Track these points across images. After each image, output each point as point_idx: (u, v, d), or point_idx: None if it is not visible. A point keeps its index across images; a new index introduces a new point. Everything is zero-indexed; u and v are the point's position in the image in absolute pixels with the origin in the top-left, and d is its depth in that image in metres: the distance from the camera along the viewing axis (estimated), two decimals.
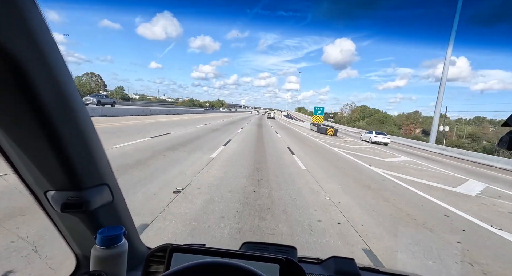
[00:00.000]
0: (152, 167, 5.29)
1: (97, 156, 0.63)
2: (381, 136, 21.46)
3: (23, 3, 0.39)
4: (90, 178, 0.62)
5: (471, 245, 3.28)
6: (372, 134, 21.87)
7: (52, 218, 0.69)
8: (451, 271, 2.60)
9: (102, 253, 0.64)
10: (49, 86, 0.46)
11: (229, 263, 0.50)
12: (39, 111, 0.45)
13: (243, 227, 3.00)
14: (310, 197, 4.49)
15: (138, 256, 0.88)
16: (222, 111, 78.74)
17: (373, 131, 22.92)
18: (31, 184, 0.59)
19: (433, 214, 4.40)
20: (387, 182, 6.57)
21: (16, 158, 0.53)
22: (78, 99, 0.54)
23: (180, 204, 3.51)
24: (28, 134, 0.49)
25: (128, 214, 0.83)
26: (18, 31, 0.39)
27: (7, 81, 0.40)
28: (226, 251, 0.68)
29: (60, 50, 0.48)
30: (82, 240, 0.73)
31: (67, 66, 0.50)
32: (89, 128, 0.59)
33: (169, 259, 0.66)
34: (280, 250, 0.88)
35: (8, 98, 0.42)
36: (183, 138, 10.09)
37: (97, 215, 0.69)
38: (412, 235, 3.45)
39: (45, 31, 0.44)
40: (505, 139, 0.48)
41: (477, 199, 5.97)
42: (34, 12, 0.41)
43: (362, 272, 0.87)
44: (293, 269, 0.65)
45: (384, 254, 2.72)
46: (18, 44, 0.39)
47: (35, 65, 0.42)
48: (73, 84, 0.52)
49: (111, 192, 0.70)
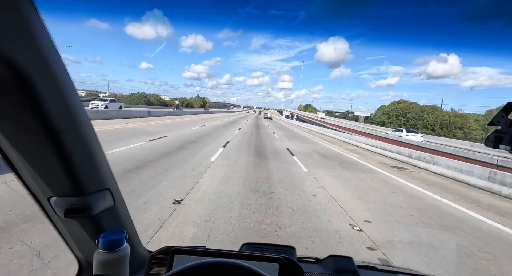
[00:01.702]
0: None
1: (99, 161, 0.64)
2: (413, 134, 19.16)
3: (26, 14, 0.40)
4: (92, 183, 0.63)
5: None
6: (402, 132, 19.52)
7: (55, 224, 0.70)
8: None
9: (105, 257, 0.65)
10: (53, 94, 0.47)
11: (231, 262, 0.51)
12: (43, 118, 0.47)
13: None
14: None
15: (139, 259, 0.89)
16: (201, 112, 50.85)
17: (403, 129, 20.68)
18: (35, 191, 0.60)
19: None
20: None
21: (20, 165, 0.54)
22: (80, 106, 0.55)
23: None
24: (32, 142, 0.50)
25: (129, 217, 0.84)
26: (23, 42, 0.40)
27: (12, 89, 0.41)
28: (226, 251, 0.69)
29: (62, 59, 0.49)
30: (85, 245, 0.74)
31: (69, 73, 0.51)
32: (91, 134, 0.60)
33: (171, 261, 0.67)
34: (279, 250, 0.89)
35: (13, 106, 0.44)
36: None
37: (99, 219, 0.70)
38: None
39: (48, 41, 0.45)
40: (491, 138, 0.50)
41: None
42: (37, 22, 0.42)
43: (360, 270, 0.89)
44: (292, 268, 0.66)
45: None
46: (23, 54, 0.40)
47: (39, 74, 0.43)
48: (75, 91, 0.53)
49: (113, 196, 0.71)
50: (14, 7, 0.38)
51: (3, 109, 0.44)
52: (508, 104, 0.50)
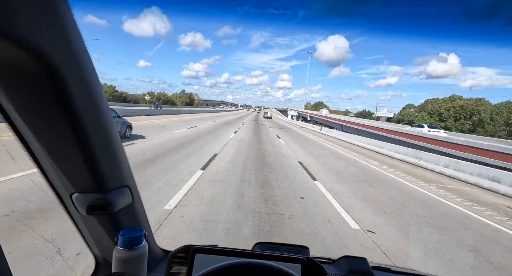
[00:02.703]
0: None
1: (120, 157, 0.64)
2: (436, 130, 18.01)
3: (60, 9, 0.40)
4: (113, 180, 0.63)
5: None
6: (423, 128, 18.14)
7: (75, 220, 0.70)
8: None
9: (124, 254, 0.65)
10: (81, 91, 0.47)
11: (261, 263, 0.51)
12: (70, 115, 0.46)
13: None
14: None
15: (154, 257, 0.89)
16: (172, 112, 32.35)
17: (424, 124, 19.12)
18: (58, 187, 0.61)
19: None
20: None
21: (45, 161, 0.55)
22: (105, 103, 0.55)
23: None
24: (58, 137, 0.50)
25: (145, 215, 0.84)
26: (56, 37, 0.40)
27: (41, 82, 0.42)
28: (247, 251, 0.68)
29: (90, 55, 0.49)
30: (102, 242, 0.75)
31: (95, 68, 0.51)
32: (113, 130, 0.60)
33: (192, 260, 0.66)
34: (292, 250, 0.88)
35: (41, 100, 0.44)
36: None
37: (118, 217, 0.70)
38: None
39: (78, 37, 0.45)
40: None
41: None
42: (69, 18, 0.42)
43: (374, 271, 0.86)
44: (315, 269, 0.64)
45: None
46: (56, 50, 0.40)
47: (69, 70, 0.43)
48: (100, 88, 0.53)
49: (132, 193, 0.71)
50: (48, 1, 0.38)
51: (31, 103, 0.44)
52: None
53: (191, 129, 14.66)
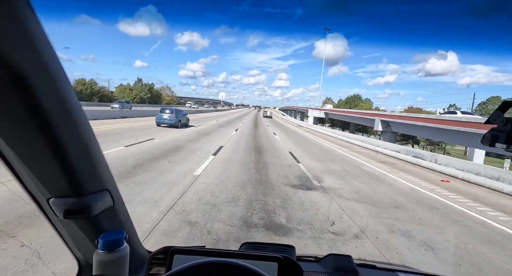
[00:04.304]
0: None
1: (98, 161, 0.64)
2: (471, 117, 16.56)
3: (23, 13, 0.40)
4: (91, 184, 0.63)
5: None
6: (456, 115, 17.07)
7: (55, 225, 0.69)
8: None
9: (104, 257, 0.65)
10: (50, 94, 0.47)
11: (230, 261, 0.51)
12: (40, 119, 0.46)
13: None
14: None
15: (139, 259, 0.89)
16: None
17: (457, 111, 18.03)
18: (34, 192, 0.60)
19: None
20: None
21: (19, 166, 0.54)
22: (78, 106, 0.54)
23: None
24: (30, 143, 0.49)
25: (128, 217, 0.84)
26: (20, 42, 0.40)
27: (9, 90, 0.41)
28: (226, 251, 0.69)
29: (59, 58, 0.49)
30: (84, 245, 0.74)
31: (66, 73, 0.51)
32: (89, 134, 0.59)
33: (171, 261, 0.67)
34: (278, 249, 0.89)
35: (10, 107, 0.43)
36: None
37: (98, 220, 0.70)
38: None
39: (44, 41, 0.45)
40: (488, 136, 0.51)
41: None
42: (34, 22, 0.42)
43: (359, 268, 0.89)
44: (291, 267, 0.66)
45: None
46: (20, 55, 0.40)
47: (36, 74, 0.43)
48: (72, 91, 0.53)
49: (112, 197, 0.71)
50: (11, 7, 0.38)
51: (0, 110, 0.44)
52: (504, 103, 0.50)
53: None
